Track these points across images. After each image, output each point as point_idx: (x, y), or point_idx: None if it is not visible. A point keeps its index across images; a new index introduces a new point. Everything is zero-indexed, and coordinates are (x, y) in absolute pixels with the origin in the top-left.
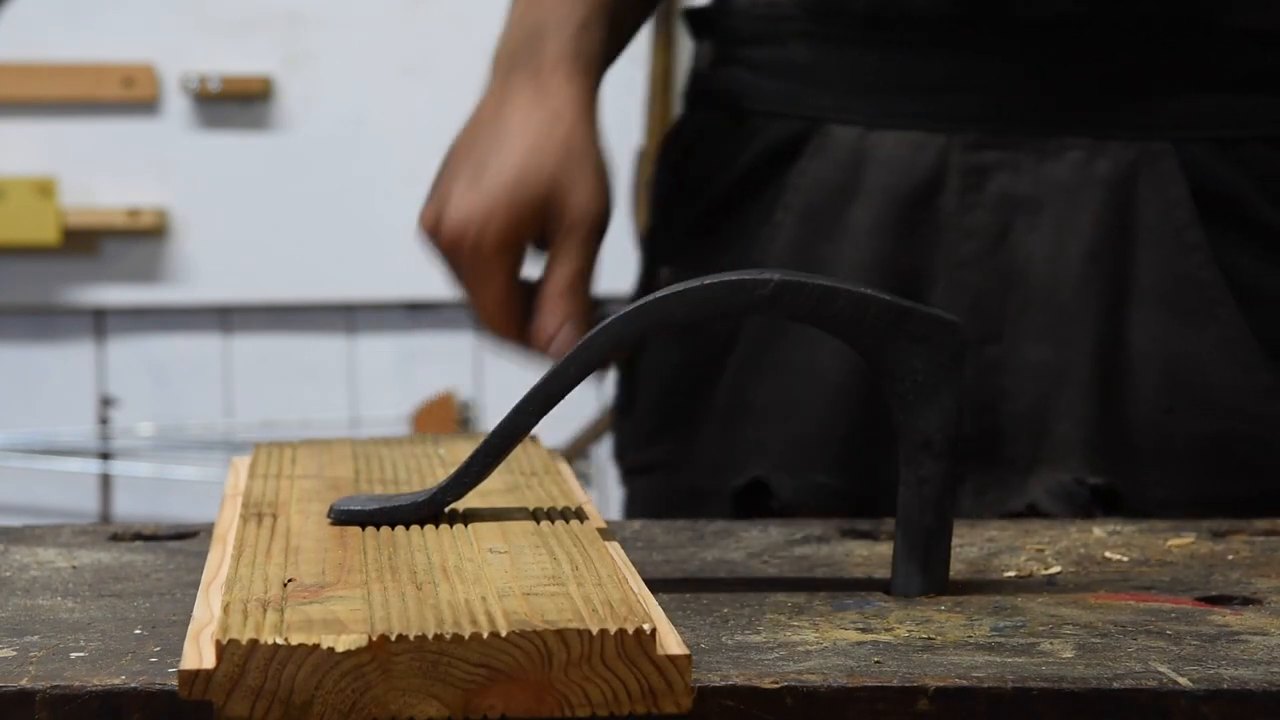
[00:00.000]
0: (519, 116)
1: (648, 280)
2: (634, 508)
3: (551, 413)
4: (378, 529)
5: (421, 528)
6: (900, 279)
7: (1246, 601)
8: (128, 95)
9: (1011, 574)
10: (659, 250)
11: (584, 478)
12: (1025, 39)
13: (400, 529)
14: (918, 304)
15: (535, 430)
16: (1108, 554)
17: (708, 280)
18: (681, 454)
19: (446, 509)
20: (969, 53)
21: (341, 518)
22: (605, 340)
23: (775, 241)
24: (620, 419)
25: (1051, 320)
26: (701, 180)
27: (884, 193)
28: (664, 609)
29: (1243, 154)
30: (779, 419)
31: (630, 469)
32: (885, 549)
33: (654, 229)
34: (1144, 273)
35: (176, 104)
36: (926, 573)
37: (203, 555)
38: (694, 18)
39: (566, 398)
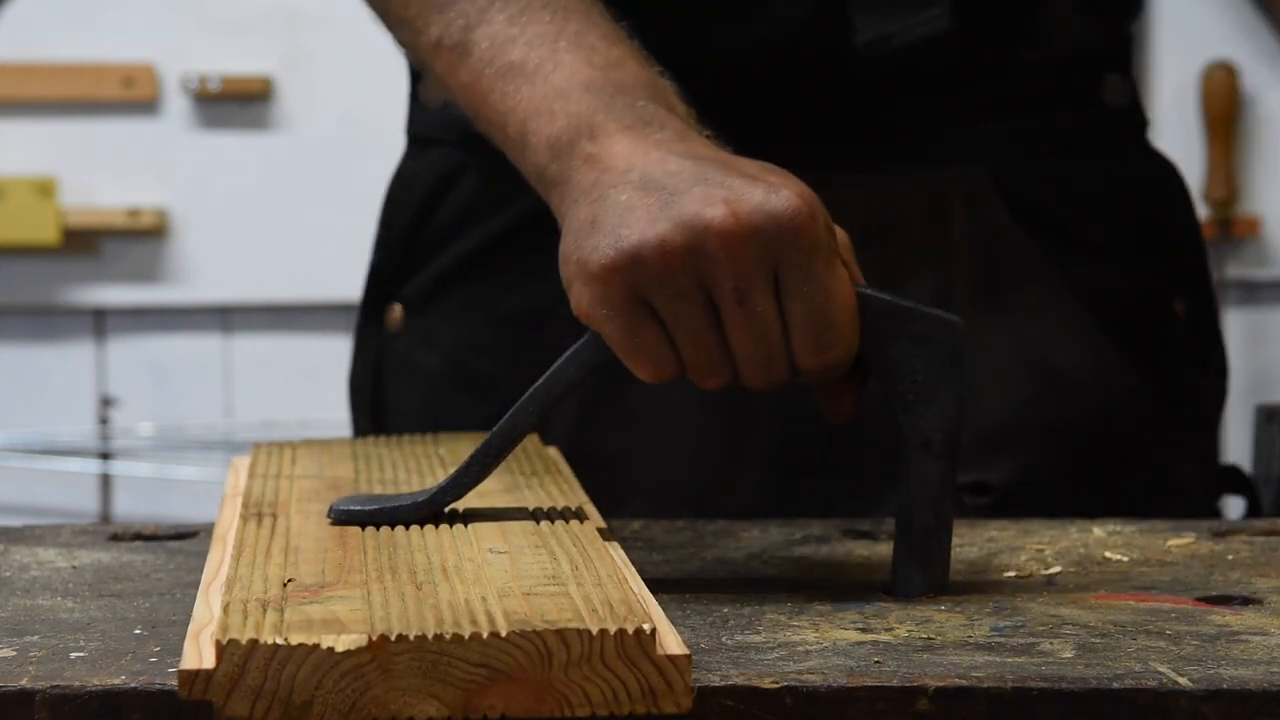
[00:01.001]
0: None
1: (375, 308)
2: None
3: None
4: (377, 529)
5: (421, 528)
6: None
7: (1246, 601)
8: (128, 95)
9: (1011, 574)
10: (389, 284)
11: None
12: (838, 84)
13: (400, 529)
14: (918, 304)
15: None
16: (1107, 554)
17: None
18: None
19: (446, 509)
20: (788, 99)
21: (341, 518)
22: (603, 344)
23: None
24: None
25: None
26: (454, 227)
27: None
28: (664, 609)
29: (1053, 167)
30: (639, 466)
31: None
32: (885, 549)
33: (385, 262)
34: (991, 282)
35: (176, 104)
36: (926, 573)
37: (202, 555)
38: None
39: None
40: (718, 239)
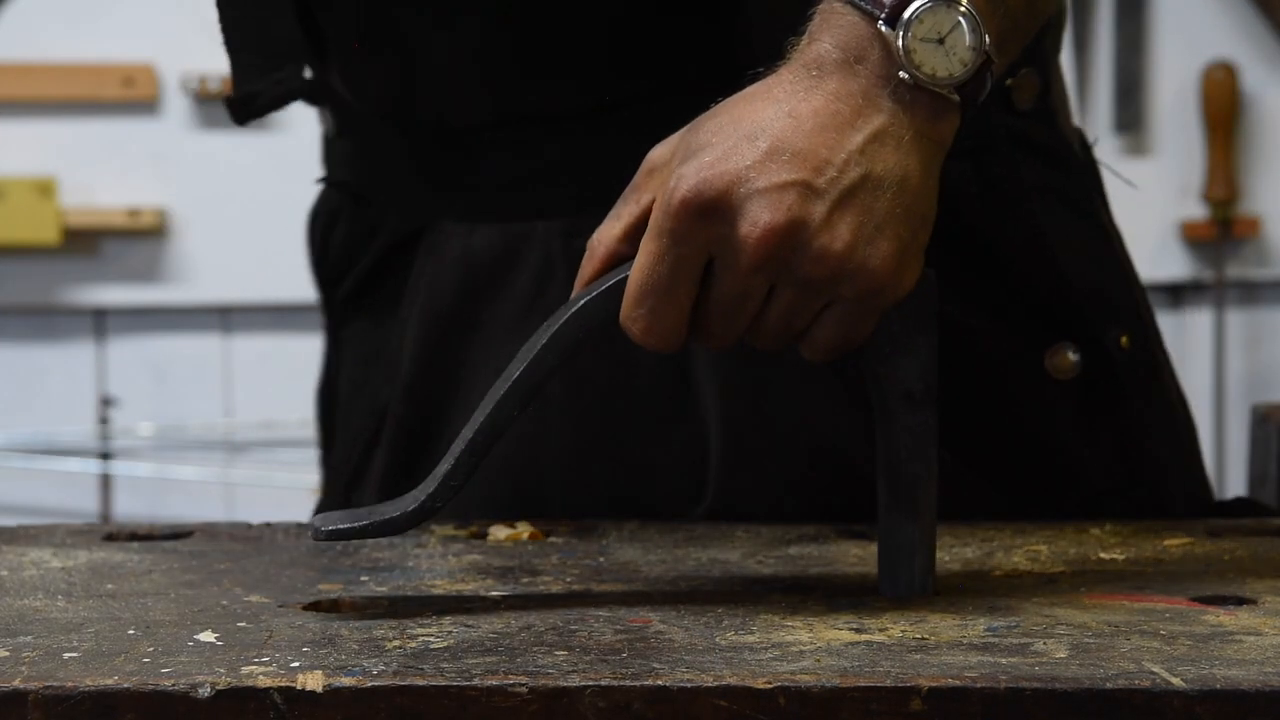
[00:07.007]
0: None
1: (331, 333)
2: None
3: None
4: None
5: None
6: None
7: (1240, 601)
8: (128, 95)
9: (1007, 574)
10: (328, 307)
11: None
12: (598, 127)
13: None
14: None
15: None
16: (1103, 554)
17: None
18: None
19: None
20: (551, 144)
21: (330, 535)
22: (579, 325)
23: (405, 340)
24: None
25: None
26: (342, 259)
27: (501, 289)
28: (658, 608)
29: None
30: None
31: None
32: None
33: (321, 287)
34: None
35: (176, 104)
36: (916, 523)
37: (197, 556)
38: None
39: None
40: None
